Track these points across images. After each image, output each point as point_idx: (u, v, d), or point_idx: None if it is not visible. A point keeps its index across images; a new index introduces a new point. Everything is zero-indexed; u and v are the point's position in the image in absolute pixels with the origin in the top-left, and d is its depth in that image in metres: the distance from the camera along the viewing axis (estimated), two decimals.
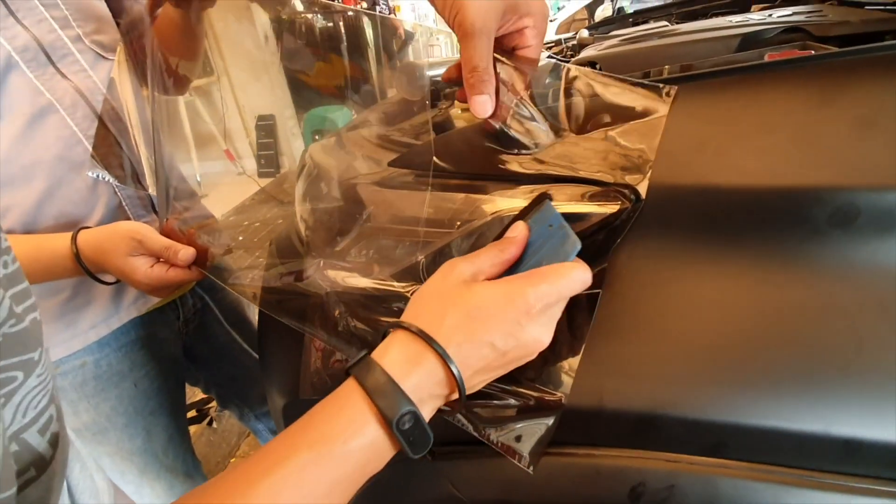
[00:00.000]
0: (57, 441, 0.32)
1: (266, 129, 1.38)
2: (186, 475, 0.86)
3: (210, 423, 1.58)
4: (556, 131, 0.40)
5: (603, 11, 2.35)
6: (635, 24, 1.02)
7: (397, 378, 0.29)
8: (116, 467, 0.76)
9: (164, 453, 0.81)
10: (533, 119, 0.40)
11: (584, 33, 0.86)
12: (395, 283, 0.42)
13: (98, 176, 0.60)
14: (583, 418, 0.35)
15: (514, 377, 0.35)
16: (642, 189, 0.36)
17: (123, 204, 0.65)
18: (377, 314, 0.43)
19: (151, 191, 0.64)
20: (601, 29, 1.05)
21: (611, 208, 0.35)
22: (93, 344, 0.67)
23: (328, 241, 0.50)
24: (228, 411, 1.01)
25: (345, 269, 0.47)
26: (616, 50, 0.64)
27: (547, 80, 0.41)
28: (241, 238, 0.72)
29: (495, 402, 0.36)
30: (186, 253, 0.57)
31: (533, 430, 0.34)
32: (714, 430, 0.31)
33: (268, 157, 1.18)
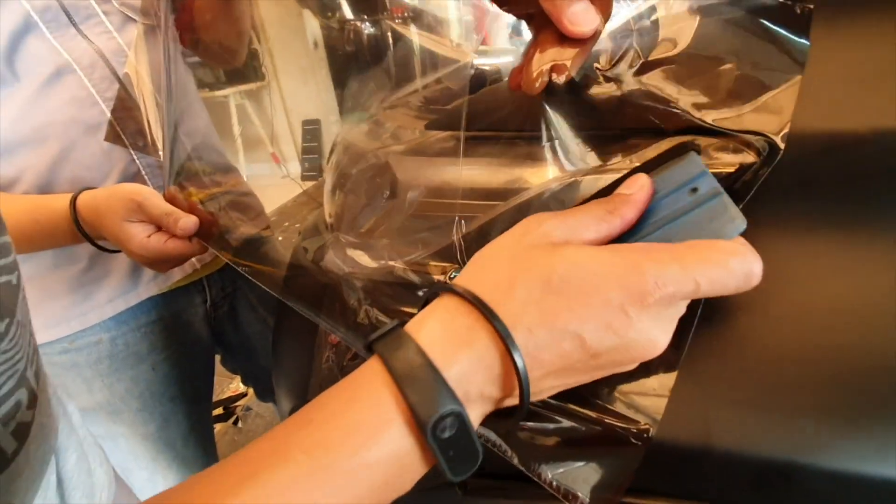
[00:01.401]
0: (26, 433, 0.27)
1: (311, 132, 1.40)
2: (202, 469, 0.84)
3: (236, 423, 1.59)
4: (644, 70, 0.31)
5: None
6: None
7: (438, 362, 0.21)
8: (131, 449, 0.74)
9: (184, 444, 0.77)
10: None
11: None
12: (431, 263, 0.34)
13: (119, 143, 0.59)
14: (677, 460, 0.25)
15: (581, 393, 0.26)
16: (780, 138, 0.25)
17: (142, 172, 0.62)
18: (405, 304, 0.35)
19: (163, 161, 0.61)
20: None
21: (730, 167, 0.25)
22: (109, 320, 0.65)
23: (353, 225, 0.44)
24: (268, 403, 0.98)
25: (368, 252, 0.40)
26: None
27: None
28: (280, 238, 0.71)
29: (552, 424, 0.27)
30: (187, 222, 0.51)
31: (603, 470, 0.25)
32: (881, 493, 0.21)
33: (312, 160, 1.18)
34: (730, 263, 0.21)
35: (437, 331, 0.22)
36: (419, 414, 0.20)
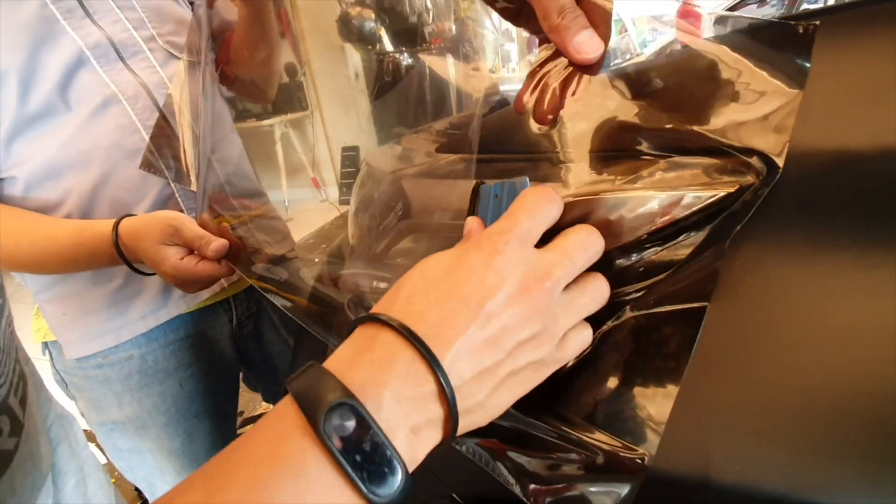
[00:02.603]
0: (8, 460, 0.27)
1: (350, 158, 1.45)
2: None
3: None
4: (627, 103, 0.31)
5: None
6: None
7: (338, 370, 0.21)
8: (156, 464, 0.75)
9: (207, 458, 0.80)
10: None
11: None
12: None
13: (153, 171, 0.62)
14: (675, 490, 0.23)
15: (573, 420, 0.25)
16: (778, 158, 0.25)
17: (176, 195, 0.66)
18: None
19: (193, 187, 0.65)
20: None
21: (729, 187, 0.25)
22: (140, 337, 0.67)
23: (370, 243, 0.46)
24: None
25: (377, 276, 0.42)
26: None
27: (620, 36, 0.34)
28: (315, 260, 0.74)
29: (543, 452, 0.26)
30: (218, 245, 0.54)
31: (597, 501, 0.23)
32: None
33: (349, 185, 1.22)
34: (524, 199, 0.25)
35: (343, 351, 0.23)
36: (307, 411, 0.19)
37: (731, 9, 3.12)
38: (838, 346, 0.21)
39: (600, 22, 0.28)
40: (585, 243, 0.25)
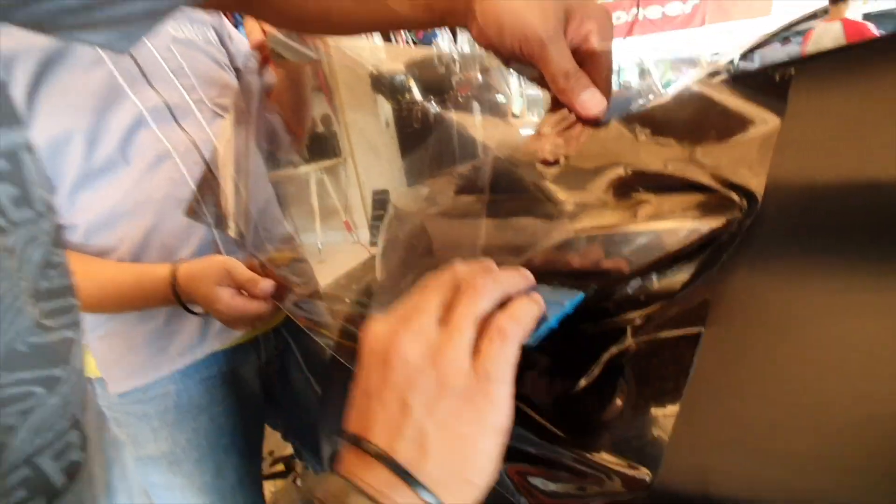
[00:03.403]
0: (76, 472, 0.30)
1: (380, 201, 1.51)
2: None
3: (295, 480, 1.60)
4: (626, 145, 0.34)
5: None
6: None
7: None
8: (186, 500, 0.77)
9: (232, 494, 0.80)
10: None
11: None
12: None
13: (196, 219, 0.68)
14: None
15: (578, 440, 0.27)
16: (758, 191, 0.27)
17: (217, 240, 0.72)
18: None
19: (232, 234, 0.70)
20: None
21: (716, 221, 0.27)
22: (177, 373, 0.72)
23: (396, 281, 0.48)
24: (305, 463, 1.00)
25: None
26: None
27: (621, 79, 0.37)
28: (347, 300, 0.77)
29: (546, 469, 0.27)
30: (266, 285, 0.60)
31: None
32: None
33: (379, 227, 1.27)
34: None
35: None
36: None
37: (757, 47, 3.15)
38: (828, 365, 0.22)
39: (601, 81, 0.32)
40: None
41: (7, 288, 0.26)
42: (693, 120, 0.33)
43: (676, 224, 0.28)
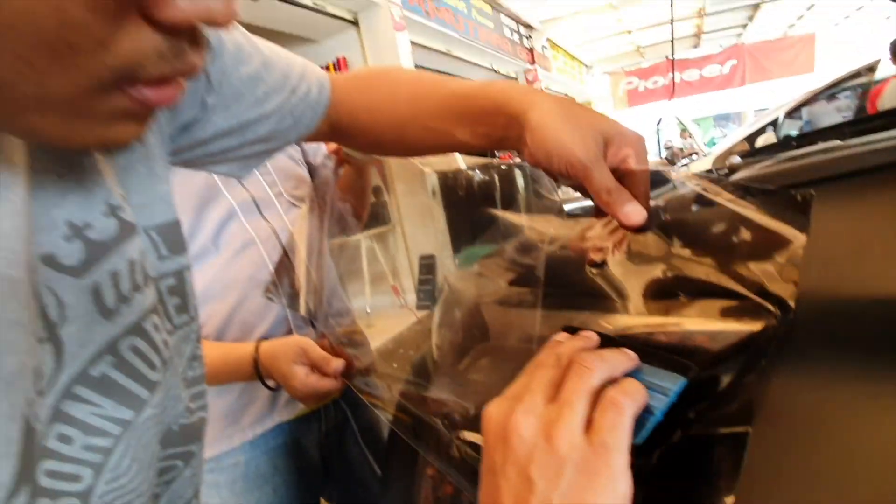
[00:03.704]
0: None
1: (427, 266, 1.55)
2: None
3: None
4: (666, 251, 0.38)
5: (765, 140, 2.22)
6: (800, 147, 0.95)
7: None
8: None
9: None
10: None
11: (736, 159, 0.83)
12: None
13: (271, 299, 0.75)
14: None
15: None
16: (790, 301, 0.30)
17: (289, 317, 0.78)
18: None
19: (302, 311, 0.76)
20: (760, 156, 0.99)
21: (754, 326, 0.30)
22: (247, 444, 0.76)
23: (453, 361, 0.51)
24: None
25: (460, 392, 0.46)
26: (770, 169, 0.60)
27: (654, 193, 0.40)
28: (395, 365, 0.79)
29: None
30: (338, 364, 0.66)
31: None
32: None
33: (426, 291, 1.29)
34: None
35: None
36: None
37: (804, 104, 3.12)
38: (863, 462, 0.24)
39: (640, 195, 0.36)
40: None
41: (171, 379, 0.32)
42: (724, 233, 0.36)
43: (715, 326, 0.30)
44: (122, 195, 0.30)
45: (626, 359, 0.30)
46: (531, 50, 6.18)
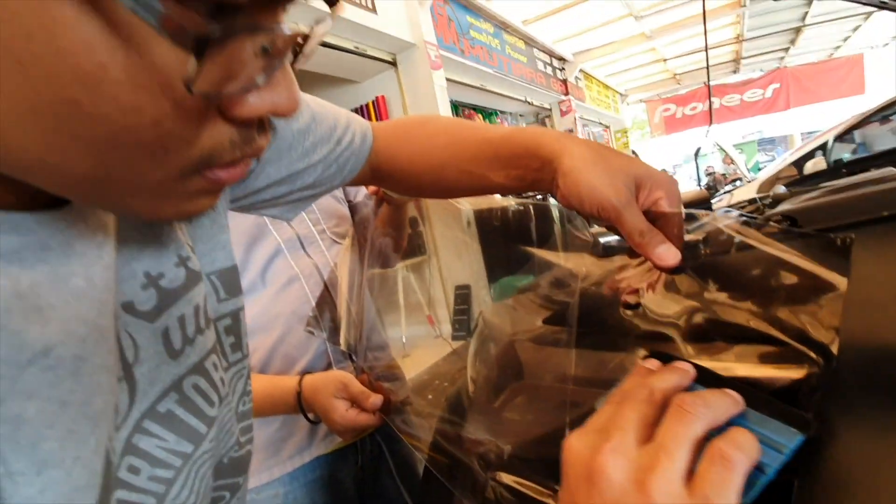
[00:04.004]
0: None
1: (462, 297, 1.55)
2: None
3: None
4: (701, 294, 0.37)
5: (814, 165, 2.13)
6: (851, 174, 0.90)
7: None
8: None
9: None
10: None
11: (781, 189, 0.80)
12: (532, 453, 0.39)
13: (313, 332, 0.78)
14: None
15: None
16: (832, 348, 0.28)
17: (328, 351, 0.81)
18: (528, 480, 0.39)
19: (342, 346, 0.78)
20: (807, 183, 0.96)
21: (796, 373, 0.29)
22: (286, 476, 0.78)
23: (489, 398, 0.51)
24: None
25: (495, 430, 0.46)
26: (816, 201, 0.57)
27: (692, 227, 0.39)
28: (430, 397, 0.79)
29: None
30: (376, 399, 0.68)
31: None
32: None
33: (461, 321, 1.29)
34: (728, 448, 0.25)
35: None
36: None
37: (855, 126, 2.98)
38: None
39: (674, 237, 0.36)
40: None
41: (227, 414, 0.34)
42: (761, 277, 0.35)
43: (756, 371, 0.29)
44: (190, 245, 0.33)
45: (732, 403, 0.27)
46: (564, 81, 6.24)
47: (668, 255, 0.35)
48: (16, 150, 0.18)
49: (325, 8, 0.23)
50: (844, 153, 2.82)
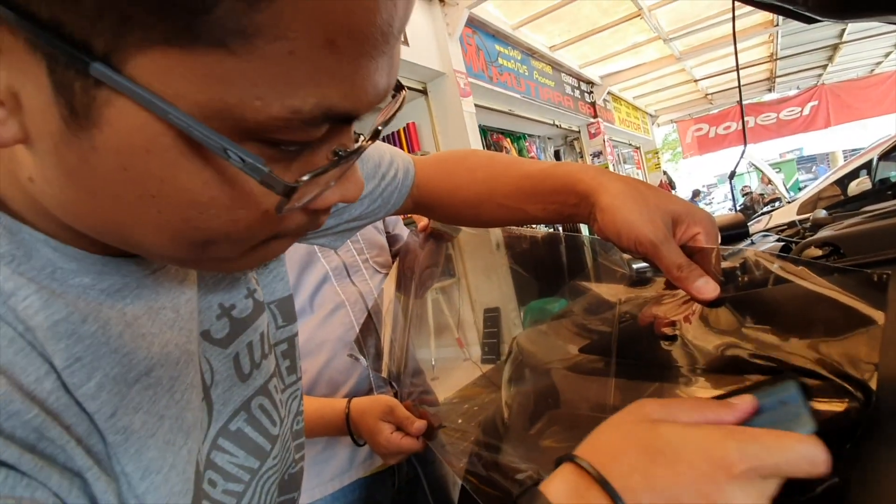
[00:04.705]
0: None
1: (491, 319, 1.55)
2: None
3: None
4: (739, 328, 0.37)
5: (858, 185, 2.06)
6: None
7: (556, 501, 0.26)
8: None
9: None
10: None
11: (821, 213, 0.77)
12: None
13: (356, 358, 0.81)
14: None
15: None
16: (871, 383, 0.29)
17: (370, 377, 0.84)
18: None
19: (384, 374, 0.81)
20: (849, 206, 0.92)
21: (837, 406, 0.29)
22: (327, 497, 0.80)
23: (525, 425, 0.52)
24: None
25: (531, 458, 0.46)
26: (860, 228, 0.55)
27: (725, 263, 0.40)
28: (459, 421, 0.79)
29: None
30: (420, 425, 0.70)
31: None
32: None
33: (491, 344, 1.29)
34: (798, 447, 0.25)
35: (562, 490, 0.27)
36: None
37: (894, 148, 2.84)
38: None
39: (711, 271, 0.37)
40: (799, 461, 0.25)
41: (286, 433, 0.37)
42: (799, 313, 0.36)
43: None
44: (255, 279, 0.37)
45: (736, 412, 0.28)
46: (593, 104, 6.25)
47: (707, 288, 0.36)
48: (136, 243, 0.24)
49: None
50: (892, 171, 2.69)
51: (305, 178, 0.22)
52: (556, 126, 5.65)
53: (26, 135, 0.21)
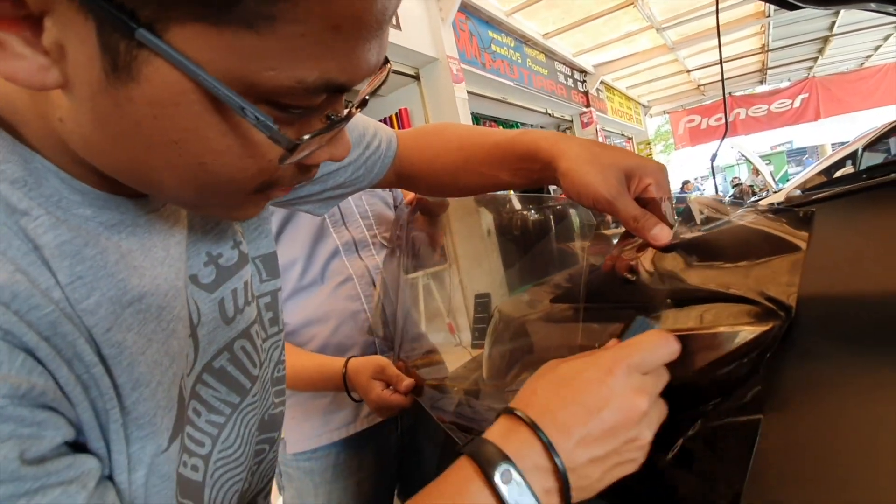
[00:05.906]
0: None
1: (482, 304, 1.57)
2: None
3: None
4: (687, 266, 0.42)
5: (843, 174, 2.10)
6: (871, 178, 0.90)
7: (497, 442, 0.31)
8: None
9: None
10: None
11: (796, 192, 0.81)
12: None
13: (373, 336, 0.89)
14: None
15: None
16: (791, 303, 0.34)
17: (375, 342, 0.92)
18: None
19: (378, 336, 0.89)
20: (826, 188, 0.95)
21: (764, 327, 0.33)
22: (340, 441, 0.90)
23: (502, 376, 0.57)
24: None
25: (506, 400, 0.50)
26: (818, 197, 0.62)
27: (676, 219, 0.44)
28: (447, 381, 0.84)
29: None
30: (409, 383, 0.77)
31: None
32: None
33: (481, 329, 1.32)
34: (649, 340, 0.34)
35: (496, 430, 0.33)
36: (485, 470, 0.29)
37: (886, 135, 2.90)
38: (867, 439, 0.26)
39: (663, 217, 0.42)
40: (657, 350, 0.34)
41: (265, 375, 0.41)
42: (735, 247, 0.40)
43: (732, 328, 0.34)
44: (241, 232, 0.40)
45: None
46: (586, 93, 6.26)
47: (662, 234, 0.41)
48: (151, 182, 0.28)
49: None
50: (876, 161, 2.75)
51: (307, 137, 0.26)
52: (549, 115, 5.66)
53: (66, 82, 0.24)
